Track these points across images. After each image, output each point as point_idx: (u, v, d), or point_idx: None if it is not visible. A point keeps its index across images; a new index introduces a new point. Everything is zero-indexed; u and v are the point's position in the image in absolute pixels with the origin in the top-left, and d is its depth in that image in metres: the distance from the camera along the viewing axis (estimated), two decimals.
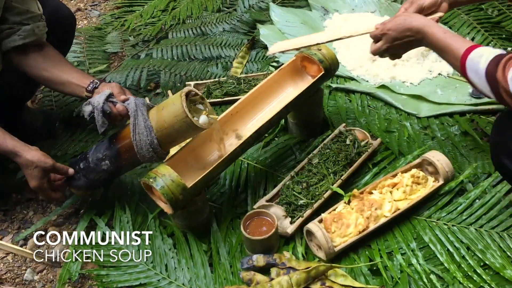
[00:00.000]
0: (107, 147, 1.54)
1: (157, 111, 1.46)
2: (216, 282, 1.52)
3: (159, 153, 1.47)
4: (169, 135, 1.44)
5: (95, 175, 1.58)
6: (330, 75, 1.78)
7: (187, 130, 1.42)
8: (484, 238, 1.55)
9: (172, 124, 1.41)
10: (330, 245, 1.48)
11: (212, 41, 2.54)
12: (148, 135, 1.43)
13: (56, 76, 1.61)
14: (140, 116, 1.45)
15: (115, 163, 1.54)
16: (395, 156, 1.85)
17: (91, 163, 1.56)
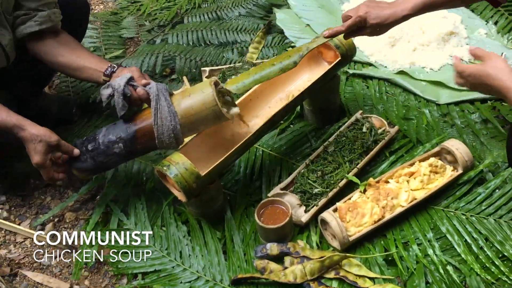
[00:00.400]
0: (122, 130, 1.49)
1: (183, 97, 1.45)
2: (230, 269, 1.52)
3: (179, 140, 1.46)
4: (194, 122, 1.44)
5: (104, 158, 1.52)
6: (347, 61, 1.75)
7: (213, 119, 1.43)
8: (503, 229, 1.52)
9: (199, 111, 1.41)
10: (345, 234, 1.47)
11: (228, 26, 2.51)
12: (172, 121, 1.41)
13: (72, 62, 1.60)
14: (164, 101, 1.43)
15: (129, 147, 1.49)
16: (413, 144, 1.81)
17: (102, 145, 1.50)
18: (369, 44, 2.24)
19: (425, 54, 2.17)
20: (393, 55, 2.18)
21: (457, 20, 2.29)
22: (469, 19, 2.36)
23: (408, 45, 2.19)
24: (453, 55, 2.17)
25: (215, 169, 1.48)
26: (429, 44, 2.19)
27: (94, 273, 1.62)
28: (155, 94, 1.44)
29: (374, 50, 2.22)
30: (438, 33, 2.19)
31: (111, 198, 1.77)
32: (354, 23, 1.45)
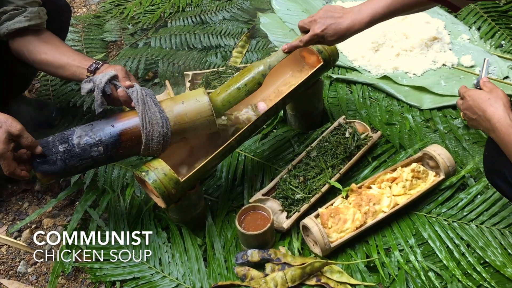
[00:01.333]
0: (103, 132, 1.38)
1: (175, 103, 1.42)
2: (210, 277, 1.50)
3: (166, 147, 1.42)
4: (185, 130, 1.42)
5: (77, 162, 1.38)
6: (330, 66, 1.74)
7: (204, 128, 1.44)
8: (485, 235, 1.51)
9: (194, 120, 1.41)
10: (326, 241, 1.45)
11: (212, 30, 2.49)
12: (164, 127, 1.38)
13: (56, 59, 1.54)
14: (154, 106, 1.39)
15: (110, 151, 1.39)
16: (396, 150, 1.81)
17: (77, 147, 1.36)
18: (353, 49, 2.24)
19: (408, 59, 2.17)
20: (377, 60, 2.17)
21: (440, 26, 2.30)
22: (452, 24, 2.37)
23: (392, 50, 2.19)
24: (436, 60, 2.17)
25: (195, 174, 1.45)
26: (412, 49, 2.19)
27: (71, 281, 1.58)
28: (141, 98, 1.40)
29: (358, 55, 2.21)
30: (421, 38, 2.19)
31: (90, 204, 1.73)
32: (311, 40, 1.42)
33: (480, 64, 2.12)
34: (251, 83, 1.50)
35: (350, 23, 1.36)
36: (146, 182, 1.39)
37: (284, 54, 1.50)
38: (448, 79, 2.09)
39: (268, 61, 1.51)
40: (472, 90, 1.31)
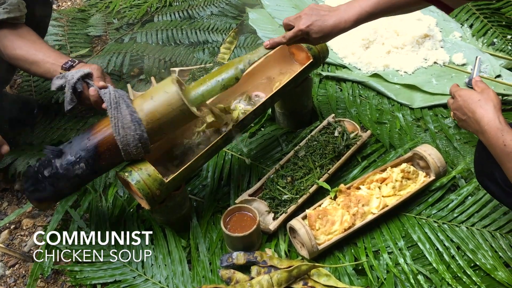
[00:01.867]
0: (81, 147, 1.33)
1: (144, 100, 1.33)
2: (194, 280, 1.46)
3: (147, 149, 1.35)
4: (161, 127, 1.33)
5: (65, 182, 1.35)
6: (319, 64, 1.69)
7: (182, 119, 1.33)
8: (475, 237, 1.48)
9: (166, 114, 1.30)
10: (314, 243, 1.41)
11: (199, 25, 2.44)
12: (137, 129, 1.29)
13: (30, 54, 1.49)
14: (125, 108, 1.31)
15: (92, 165, 1.34)
16: (386, 149, 1.77)
17: (60, 168, 1.33)
18: (343, 46, 2.20)
19: (399, 57, 2.13)
20: (367, 57, 2.13)
21: (432, 23, 2.27)
22: (444, 21, 2.34)
23: (383, 48, 2.15)
24: (427, 58, 2.14)
25: (180, 175, 1.40)
26: (403, 46, 2.15)
27: (51, 284, 1.53)
28: (113, 101, 1.32)
29: (348, 52, 2.17)
30: (412, 35, 2.15)
31: (71, 204, 1.67)
32: (295, 36, 1.36)
33: (472, 62, 2.09)
34: (228, 78, 1.40)
35: (336, 20, 1.31)
36: (130, 183, 1.34)
37: (266, 50, 1.43)
38: (440, 77, 2.05)
39: (249, 57, 1.43)
40: (463, 90, 1.27)
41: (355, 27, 1.33)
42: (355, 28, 1.82)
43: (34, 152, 1.83)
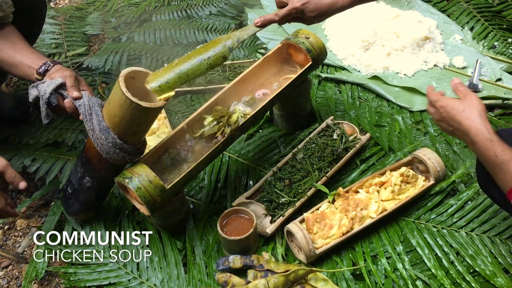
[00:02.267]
0: (81, 163, 1.43)
1: (106, 106, 1.31)
2: (189, 283, 1.44)
3: (130, 151, 1.33)
4: (127, 128, 1.28)
5: (84, 195, 1.47)
6: (318, 65, 1.67)
7: (140, 116, 1.25)
8: (474, 243, 1.47)
9: (122, 116, 1.24)
10: (311, 247, 1.40)
11: (198, 25, 2.41)
12: (108, 137, 1.28)
13: (9, 57, 1.45)
14: (95, 118, 1.30)
15: (94, 177, 1.42)
16: (385, 152, 1.75)
17: (76, 184, 1.47)
18: (343, 48, 2.18)
19: (399, 59, 2.11)
20: (367, 59, 2.11)
21: (432, 25, 2.25)
22: (445, 24, 2.32)
23: (382, 50, 2.13)
24: (427, 60, 2.12)
25: (182, 181, 1.38)
26: (403, 49, 2.13)
27: (45, 286, 1.51)
28: (88, 112, 1.31)
29: (348, 54, 2.15)
30: (413, 38, 2.13)
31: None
32: (289, 14, 1.33)
33: (473, 66, 2.07)
34: (215, 56, 1.32)
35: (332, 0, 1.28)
36: (129, 189, 1.32)
37: (256, 28, 1.38)
38: (440, 80, 2.04)
39: (237, 34, 1.35)
40: (444, 100, 1.21)
41: (353, 6, 1.30)
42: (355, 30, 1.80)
43: (30, 152, 1.81)
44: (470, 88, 1.96)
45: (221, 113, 1.48)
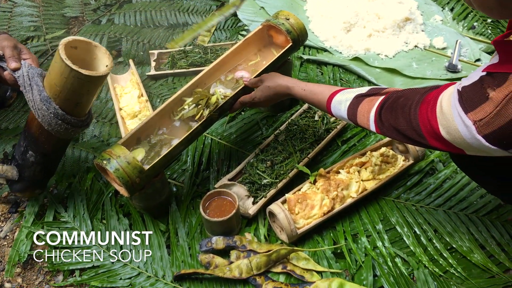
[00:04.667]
0: (24, 137, 1.38)
1: (47, 76, 1.26)
2: (173, 264, 1.45)
3: (73, 122, 1.29)
4: (68, 98, 1.24)
5: (28, 171, 1.43)
6: (298, 47, 1.67)
7: (82, 85, 1.21)
8: (452, 220, 1.50)
9: (63, 85, 1.20)
10: (293, 227, 1.41)
11: (179, 7, 2.39)
12: (49, 107, 1.23)
13: None
14: (35, 89, 1.24)
15: (38, 151, 1.38)
16: (366, 133, 1.77)
17: (19, 160, 1.42)
18: (324, 30, 2.18)
19: (380, 41, 2.12)
20: (348, 41, 2.12)
21: (413, 6, 2.26)
22: (426, 5, 2.34)
23: (364, 31, 2.14)
24: (408, 41, 2.13)
25: (160, 162, 1.38)
26: (384, 30, 2.14)
27: (28, 270, 1.50)
28: (27, 83, 1.25)
29: (329, 36, 2.16)
30: (394, 19, 2.15)
31: (50, 189, 1.65)
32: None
33: (452, 46, 2.09)
34: None
35: None
36: (108, 170, 1.32)
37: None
38: (420, 61, 2.06)
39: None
40: (255, 94, 1.50)
41: None
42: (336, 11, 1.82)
43: (10, 137, 1.79)
44: (450, 69, 1.99)
45: (200, 95, 1.48)
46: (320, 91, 1.34)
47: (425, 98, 1.01)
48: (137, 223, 1.54)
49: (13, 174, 1.41)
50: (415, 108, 1.01)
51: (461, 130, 0.91)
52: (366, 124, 1.17)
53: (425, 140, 1.01)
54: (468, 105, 0.90)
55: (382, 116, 1.11)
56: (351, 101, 1.22)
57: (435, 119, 0.96)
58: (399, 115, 1.06)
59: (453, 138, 0.94)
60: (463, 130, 0.91)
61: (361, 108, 1.18)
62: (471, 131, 0.89)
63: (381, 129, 1.12)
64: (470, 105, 0.89)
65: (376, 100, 1.15)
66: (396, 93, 1.11)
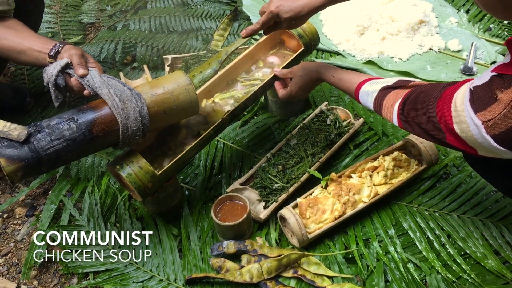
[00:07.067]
0: (76, 111, 1.25)
1: (153, 86, 1.32)
2: (185, 268, 1.46)
3: (146, 126, 1.29)
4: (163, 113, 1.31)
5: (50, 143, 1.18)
6: (311, 51, 1.68)
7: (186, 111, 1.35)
8: (466, 225, 1.48)
9: (171, 90, 1.31)
10: (304, 232, 1.41)
11: (193, 12, 2.41)
12: (138, 102, 1.27)
13: (16, 44, 1.44)
14: (119, 84, 1.29)
15: (83, 129, 1.22)
16: (379, 137, 1.76)
17: (46, 127, 1.20)
18: (338, 33, 2.17)
19: (394, 44, 2.11)
20: (362, 44, 2.11)
21: (428, 9, 2.24)
22: (441, 7, 2.31)
23: (377, 34, 2.13)
24: (422, 44, 2.11)
25: (172, 167, 1.40)
26: (398, 33, 2.13)
27: (43, 272, 1.54)
28: (99, 82, 1.28)
29: (342, 39, 2.15)
30: (408, 22, 2.13)
31: (65, 193, 1.68)
32: (268, 20, 1.37)
33: (468, 49, 2.07)
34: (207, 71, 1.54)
35: (306, 0, 1.32)
36: (121, 175, 1.34)
37: (243, 39, 1.48)
38: (434, 64, 2.04)
39: (227, 49, 1.54)
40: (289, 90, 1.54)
41: (327, 6, 1.33)
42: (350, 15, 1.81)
43: None
44: (465, 72, 1.96)
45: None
46: (349, 79, 1.37)
47: (442, 94, 1.03)
48: (150, 227, 1.55)
49: (21, 134, 1.17)
50: (433, 104, 1.03)
51: (472, 129, 0.93)
52: (390, 117, 1.20)
53: (444, 136, 1.02)
54: (478, 105, 0.91)
55: (404, 111, 1.14)
56: (378, 93, 1.24)
57: (450, 116, 0.98)
58: (420, 111, 1.08)
59: (465, 136, 0.95)
60: (473, 129, 0.92)
61: (386, 102, 1.21)
62: (480, 130, 0.91)
63: (404, 123, 1.15)
64: (480, 105, 0.91)
65: (400, 95, 1.17)
66: (420, 88, 1.13)
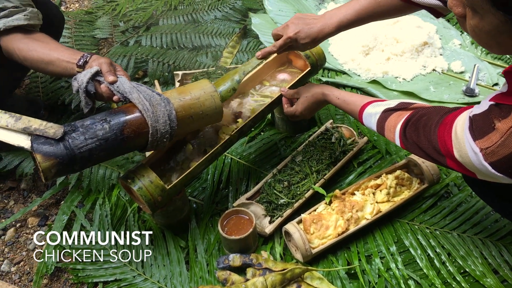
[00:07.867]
0: (108, 113, 1.32)
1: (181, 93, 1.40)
2: (191, 280, 1.50)
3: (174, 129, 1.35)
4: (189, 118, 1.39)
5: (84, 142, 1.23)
6: (316, 71, 1.73)
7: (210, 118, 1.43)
8: (466, 244, 1.52)
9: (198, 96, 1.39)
10: (307, 247, 1.46)
11: (203, 29, 2.48)
12: (167, 106, 1.33)
13: (45, 55, 1.50)
14: (148, 90, 1.35)
15: (115, 130, 1.27)
16: (382, 156, 1.81)
17: (81, 127, 1.26)
18: (343, 53, 2.23)
19: (398, 64, 2.16)
20: (367, 64, 2.17)
21: (432, 30, 2.30)
22: (444, 29, 2.37)
23: (382, 55, 2.18)
24: (426, 65, 2.17)
25: (181, 181, 1.45)
26: (402, 54, 2.18)
27: (54, 281, 1.58)
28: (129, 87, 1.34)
29: (348, 59, 2.21)
30: (412, 43, 2.18)
31: (76, 204, 1.73)
32: (285, 44, 1.46)
33: (470, 70, 2.12)
34: (226, 90, 1.55)
35: (320, 26, 1.41)
36: (132, 189, 1.39)
37: (257, 60, 1.54)
38: (438, 84, 2.08)
39: (243, 68, 1.56)
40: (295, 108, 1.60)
41: (339, 32, 1.43)
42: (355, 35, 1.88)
43: None
44: (467, 92, 2.01)
45: None
46: (353, 101, 1.42)
47: (443, 120, 1.07)
48: (158, 239, 1.60)
49: (57, 132, 1.24)
50: (435, 129, 1.08)
51: (470, 156, 0.97)
52: (392, 138, 1.24)
53: (444, 159, 1.06)
54: (477, 133, 0.96)
55: (406, 133, 1.18)
56: (380, 115, 1.29)
57: (450, 141, 1.02)
58: (421, 134, 1.12)
59: (464, 161, 1.00)
60: (472, 155, 0.97)
61: (388, 123, 1.25)
62: (478, 157, 0.95)
63: (405, 145, 1.19)
64: (478, 133, 0.96)
65: (402, 116, 1.21)
66: (421, 111, 1.18)
